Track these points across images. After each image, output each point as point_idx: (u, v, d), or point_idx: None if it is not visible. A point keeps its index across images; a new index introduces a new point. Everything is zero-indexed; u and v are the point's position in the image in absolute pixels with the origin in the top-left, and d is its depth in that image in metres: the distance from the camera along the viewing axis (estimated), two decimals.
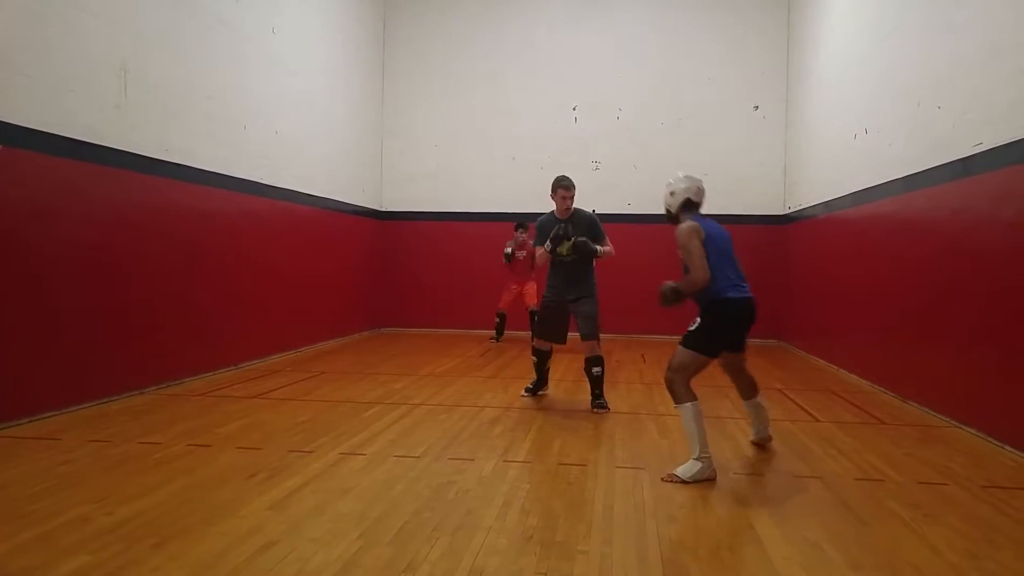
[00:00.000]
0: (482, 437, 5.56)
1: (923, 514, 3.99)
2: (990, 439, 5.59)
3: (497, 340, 11.58)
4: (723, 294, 4.73)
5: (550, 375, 7.35)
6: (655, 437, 5.66)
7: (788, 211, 12.16)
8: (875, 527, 3.80)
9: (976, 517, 3.97)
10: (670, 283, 4.79)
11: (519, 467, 4.80)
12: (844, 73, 9.47)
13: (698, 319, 4.78)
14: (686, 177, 5.08)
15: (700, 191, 5.06)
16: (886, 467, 4.90)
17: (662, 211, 5.26)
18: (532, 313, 11.49)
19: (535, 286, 11.21)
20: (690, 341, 4.75)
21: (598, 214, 11.21)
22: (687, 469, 4.51)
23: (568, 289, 6.74)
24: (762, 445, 5.39)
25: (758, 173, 12.51)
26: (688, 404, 4.64)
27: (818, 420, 6.34)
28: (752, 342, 5.43)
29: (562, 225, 6.65)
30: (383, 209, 13.28)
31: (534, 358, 7.09)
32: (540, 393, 7.15)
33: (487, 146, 12.99)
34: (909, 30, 7.44)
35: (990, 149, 5.76)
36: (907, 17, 7.51)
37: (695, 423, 4.60)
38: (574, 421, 6.15)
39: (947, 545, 3.55)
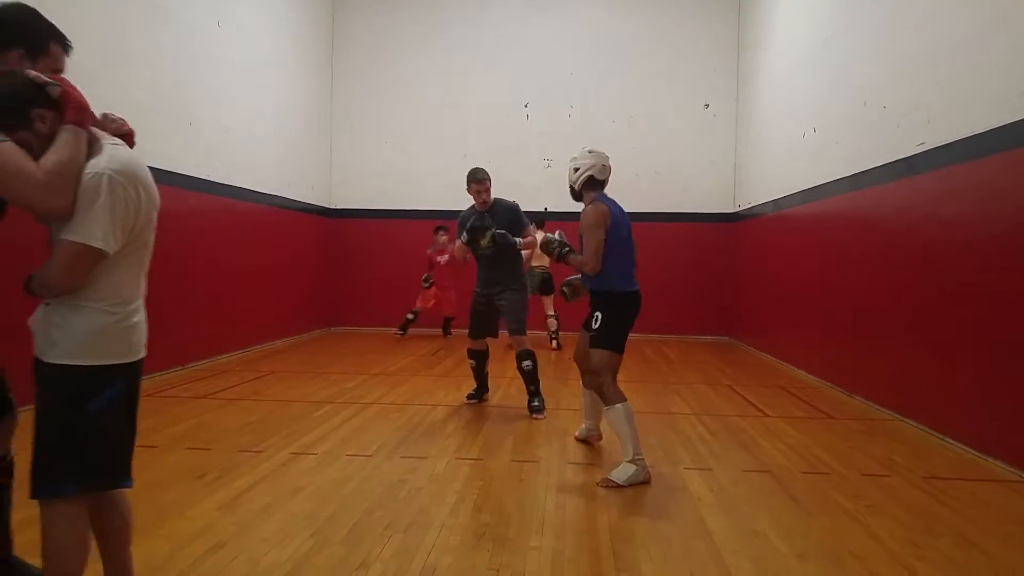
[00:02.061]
0: (434, 435, 5.55)
1: (866, 505, 4.08)
2: (931, 432, 5.73)
3: (402, 335, 11.56)
4: (621, 288, 4.66)
5: (506, 373, 7.33)
6: (606, 433, 5.69)
7: (738, 209, 12.32)
8: (821, 518, 3.88)
9: (917, 507, 4.08)
10: (570, 281, 5.00)
11: (471, 464, 4.80)
12: (793, 73, 9.63)
13: (599, 316, 4.66)
14: (591, 152, 4.89)
15: (605, 168, 4.88)
16: (832, 460, 5.00)
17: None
18: (448, 321, 11.64)
19: (454, 294, 11.26)
20: (604, 341, 4.64)
21: (551, 212, 11.31)
22: (622, 473, 4.40)
23: (492, 283, 6.50)
24: (590, 442, 5.33)
25: (709, 171, 12.67)
26: (619, 405, 4.52)
27: (767, 415, 6.44)
28: (703, 339, 5.50)
29: (478, 216, 6.47)
30: (333, 207, 13.15)
31: (472, 361, 6.80)
32: (484, 398, 6.86)
33: (438, 143, 12.94)
34: (855, 31, 7.59)
35: (931, 149, 5.91)
36: (853, 18, 7.67)
37: (628, 425, 4.48)
38: (526, 418, 6.16)
39: (889, 535, 3.64)
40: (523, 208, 6.67)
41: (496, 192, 6.66)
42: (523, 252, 6.67)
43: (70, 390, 2.32)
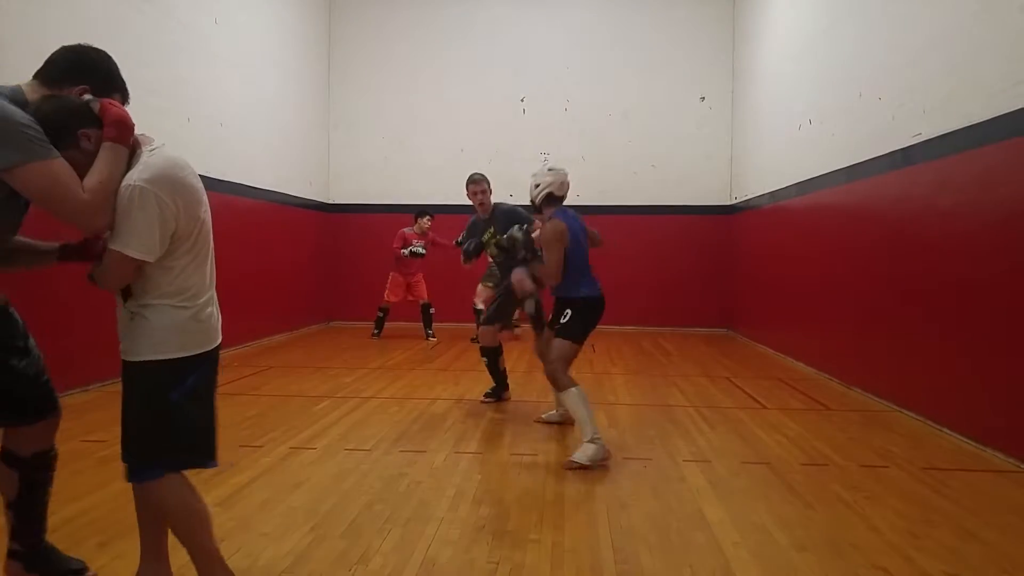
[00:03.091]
0: (433, 429, 5.56)
1: (865, 496, 4.10)
2: (929, 423, 5.74)
3: (378, 335, 11.13)
4: (584, 291, 5.00)
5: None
6: (604, 426, 5.70)
7: (734, 201, 12.32)
8: (820, 510, 3.89)
9: (916, 498, 4.09)
10: (530, 297, 5.55)
11: (470, 458, 4.81)
12: (788, 64, 9.62)
13: (568, 312, 4.97)
14: (551, 171, 5.18)
15: (563, 185, 5.18)
16: (830, 451, 5.01)
17: (616, 201, 5.40)
18: (425, 307, 11.12)
19: (422, 277, 11.06)
20: (567, 332, 4.94)
21: None
22: (583, 453, 4.61)
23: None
24: (564, 422, 5.66)
25: (705, 164, 12.66)
26: (573, 389, 4.81)
27: (765, 407, 6.45)
28: (701, 331, 5.55)
29: (477, 233, 6.50)
30: (330, 202, 13.14)
31: (484, 359, 6.50)
32: (504, 397, 6.58)
33: (434, 138, 12.93)
34: (849, 22, 7.59)
35: (927, 140, 5.91)
36: (848, 10, 7.66)
37: (584, 406, 4.75)
38: (525, 412, 6.17)
39: (888, 525, 3.65)
40: (519, 203, 6.64)
41: (494, 186, 6.68)
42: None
43: (152, 384, 2.52)
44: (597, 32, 12.80)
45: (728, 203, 12.55)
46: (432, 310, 11.20)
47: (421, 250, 10.86)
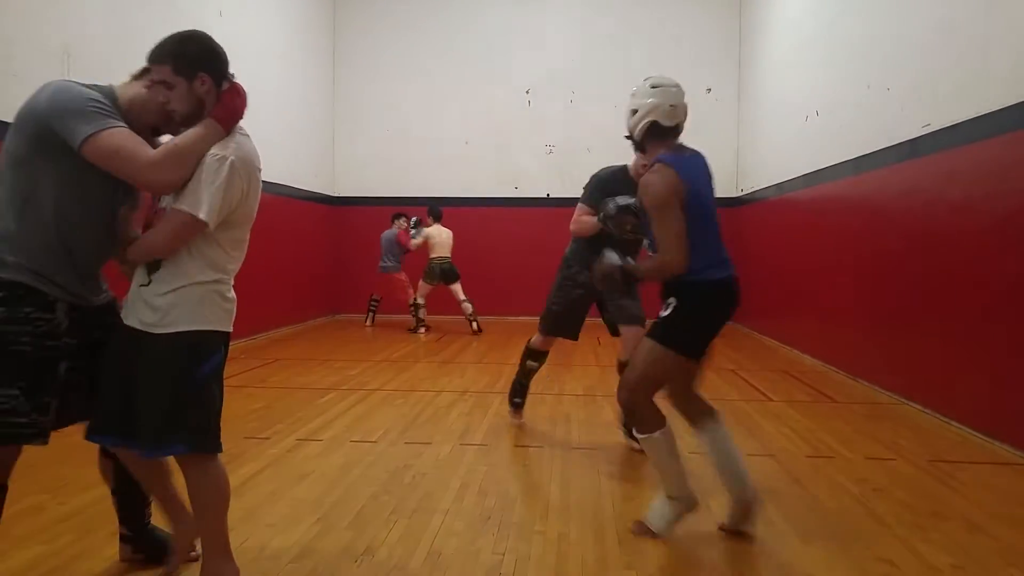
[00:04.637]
0: (439, 421, 5.56)
1: (872, 488, 4.08)
2: (936, 415, 5.72)
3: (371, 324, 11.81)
4: (702, 275, 3.28)
5: (509, 360, 7.31)
6: (610, 418, 5.69)
7: (741, 193, 12.28)
8: (826, 502, 3.89)
9: (923, 490, 4.07)
10: (617, 261, 3.46)
11: (476, 450, 4.81)
12: (795, 55, 9.58)
13: (672, 302, 3.33)
14: (654, 88, 3.43)
15: (673, 110, 3.43)
16: (836, 444, 5.00)
17: None
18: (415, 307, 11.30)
19: (405, 277, 11.36)
20: (662, 333, 3.31)
21: (552, 198, 11.31)
22: (658, 514, 3.40)
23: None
24: (744, 522, 3.44)
25: (711, 155, 12.13)
26: (657, 435, 3.31)
27: (771, 399, 6.44)
28: None
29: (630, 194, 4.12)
30: (336, 195, 13.15)
31: (533, 363, 5.44)
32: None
33: (440, 130, 12.90)
34: (857, 11, 7.54)
35: (936, 131, 5.87)
36: (855, 0, 7.62)
37: (667, 457, 3.34)
38: (530, 404, 6.15)
39: (895, 518, 3.64)
40: (524, 195, 6.48)
41: (496, 179, 6.40)
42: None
43: (183, 356, 2.54)
44: (603, 23, 12.76)
45: (735, 195, 12.50)
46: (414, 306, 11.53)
47: (418, 239, 11.24)
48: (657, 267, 3.29)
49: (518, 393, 5.53)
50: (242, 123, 2.66)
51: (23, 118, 2.47)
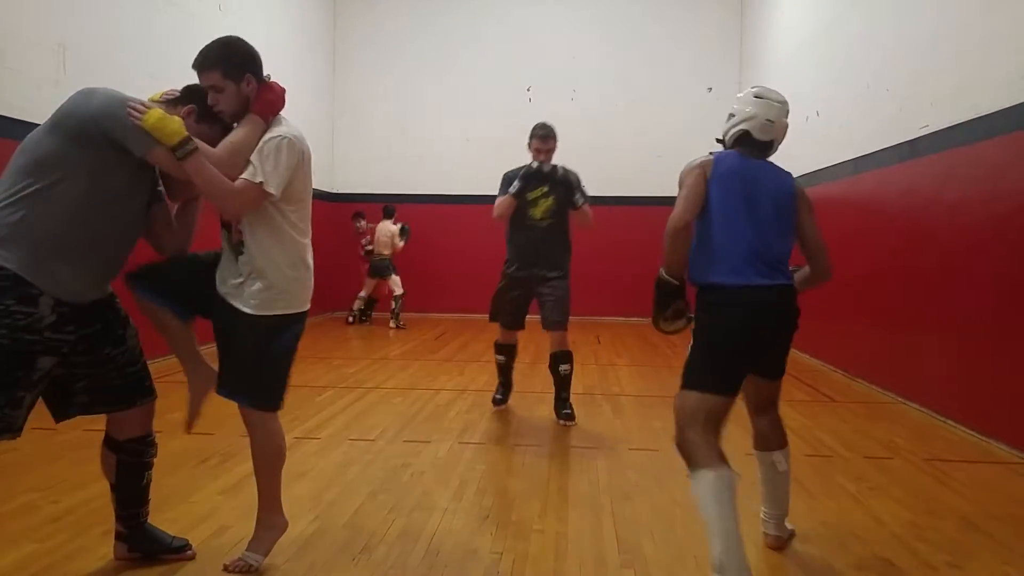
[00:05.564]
0: (437, 419, 5.56)
1: (869, 487, 4.09)
2: (934, 414, 5.73)
3: (366, 320, 11.89)
4: (709, 278, 3.06)
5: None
6: (609, 417, 5.70)
7: None
8: (823, 501, 3.89)
9: (919, 489, 4.08)
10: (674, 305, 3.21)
11: (474, 448, 4.81)
12: (795, 55, 9.58)
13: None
14: (756, 98, 3.23)
15: (770, 125, 3.19)
16: (835, 443, 5.01)
17: (623, 192, 4.81)
18: (372, 303, 11.78)
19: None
20: (683, 371, 3.02)
21: None
22: None
23: (538, 262, 5.46)
24: (779, 546, 3.32)
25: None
26: (705, 470, 2.77)
27: None
28: None
29: (535, 164, 5.46)
30: (335, 191, 13.13)
31: (500, 357, 5.78)
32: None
33: (440, 127, 12.89)
34: (857, 12, 7.55)
35: (935, 132, 5.88)
36: (855, 1, 7.62)
37: (715, 503, 2.74)
38: (528, 403, 6.17)
39: (891, 517, 3.65)
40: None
41: (497, 177, 6.14)
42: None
43: (260, 335, 2.92)
44: (604, 21, 12.76)
45: None
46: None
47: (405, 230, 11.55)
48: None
49: (497, 389, 5.93)
50: None
51: (65, 119, 2.57)
